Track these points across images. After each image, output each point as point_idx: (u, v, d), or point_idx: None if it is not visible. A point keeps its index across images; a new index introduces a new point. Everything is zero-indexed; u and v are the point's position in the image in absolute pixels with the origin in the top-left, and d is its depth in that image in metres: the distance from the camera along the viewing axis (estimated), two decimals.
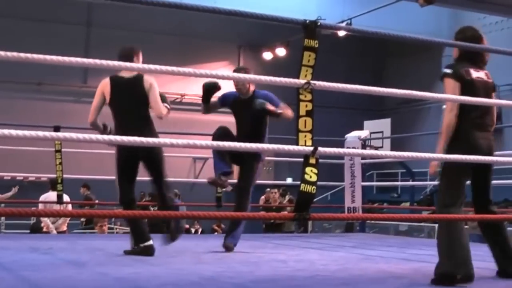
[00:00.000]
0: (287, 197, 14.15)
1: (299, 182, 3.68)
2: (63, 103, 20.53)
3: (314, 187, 3.61)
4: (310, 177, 3.62)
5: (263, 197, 14.37)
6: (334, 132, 9.54)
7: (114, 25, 20.67)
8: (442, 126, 4.70)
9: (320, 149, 3.67)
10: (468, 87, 4.69)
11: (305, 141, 3.65)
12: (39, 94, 20.23)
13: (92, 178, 10.81)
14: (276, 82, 3.74)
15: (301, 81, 3.65)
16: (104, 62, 3.45)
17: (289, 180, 18.62)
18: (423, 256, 6.42)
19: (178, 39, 21.75)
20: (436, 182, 9.52)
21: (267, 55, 21.98)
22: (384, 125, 18.96)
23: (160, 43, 21.36)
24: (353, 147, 9.08)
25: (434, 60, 21.52)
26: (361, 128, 14.23)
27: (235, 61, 23.07)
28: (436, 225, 14.02)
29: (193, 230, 17.42)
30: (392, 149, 17.16)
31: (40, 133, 3.23)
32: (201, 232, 17.47)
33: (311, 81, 3.66)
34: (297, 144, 3.65)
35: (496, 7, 18.16)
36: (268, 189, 14.32)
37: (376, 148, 16.89)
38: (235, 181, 7.09)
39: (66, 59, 3.30)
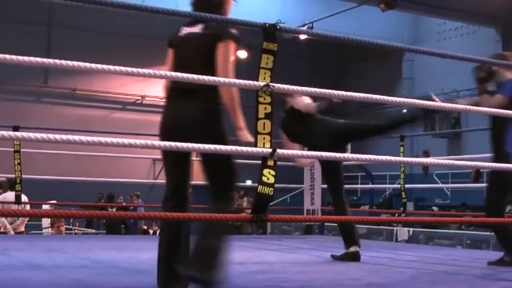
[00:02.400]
0: (245, 199, 14.17)
1: None
2: (23, 103, 20.34)
3: (271, 189, 3.61)
4: (268, 179, 3.62)
5: None
6: None
7: (76, 26, 20.54)
8: None
9: (279, 151, 3.67)
10: (176, 48, 4.10)
11: (264, 143, 3.65)
12: None
13: (51, 179, 10.70)
14: (236, 85, 3.74)
15: (260, 83, 3.66)
16: (64, 62, 3.42)
17: (248, 182, 18.58)
18: (381, 259, 6.48)
19: (139, 40, 21.66)
20: (396, 186, 9.62)
21: None
22: None
23: (121, 44, 21.28)
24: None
25: (394, 64, 21.74)
26: None
27: None
28: (395, 229, 14.21)
29: (151, 231, 17.33)
30: (352, 152, 17.24)
31: None
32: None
33: (270, 84, 3.67)
34: (256, 146, 3.65)
35: (456, 13, 18.45)
36: None
37: None
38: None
39: (26, 58, 3.27)
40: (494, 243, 12.10)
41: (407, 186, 8.68)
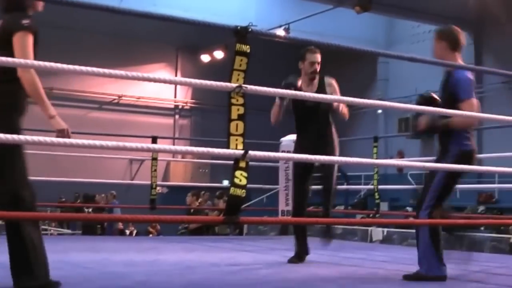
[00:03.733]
0: (221, 200, 14.19)
1: None
2: None
3: (243, 190, 3.61)
4: (240, 180, 3.62)
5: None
6: (271, 135, 9.58)
7: (52, 24, 20.34)
8: None
9: (251, 152, 3.67)
10: None
11: (236, 144, 3.66)
12: None
13: None
14: (208, 86, 3.75)
15: (233, 85, 3.66)
16: (36, 63, 3.40)
17: (225, 183, 18.59)
18: (355, 260, 6.51)
19: (116, 39, 21.58)
20: (370, 186, 9.66)
21: (205, 58, 21.99)
22: None
23: (98, 43, 21.18)
24: (288, 151, 9.08)
25: (369, 65, 21.82)
26: None
27: (173, 63, 23.02)
28: (369, 229, 14.25)
29: (127, 232, 17.27)
30: None
31: None
32: (136, 234, 17.32)
33: (243, 85, 3.68)
34: (228, 148, 3.66)
35: (429, 16, 18.60)
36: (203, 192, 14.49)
37: None
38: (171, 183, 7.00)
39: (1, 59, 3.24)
40: (467, 243, 12.19)
41: (381, 187, 8.73)
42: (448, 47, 5.13)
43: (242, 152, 3.64)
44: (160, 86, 21.88)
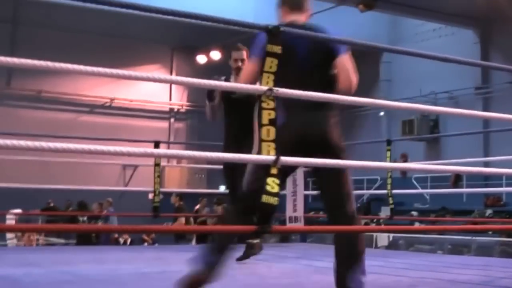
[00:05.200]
0: (221, 207, 14.04)
1: None
2: None
3: (276, 198, 3.40)
4: (272, 188, 3.41)
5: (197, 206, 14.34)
6: None
7: (43, 24, 20.02)
8: None
9: (282, 158, 3.45)
10: None
11: (268, 150, 3.43)
12: None
13: (16, 187, 10.34)
14: (238, 88, 3.50)
15: (263, 88, 3.43)
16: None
17: (222, 188, 18.31)
18: (372, 267, 6.26)
19: (109, 39, 21.27)
20: (374, 191, 9.40)
21: (201, 59, 21.68)
22: None
23: (91, 43, 20.85)
24: None
25: (371, 66, 21.55)
26: None
27: (168, 64, 22.74)
28: (375, 234, 14.03)
29: (122, 241, 16.88)
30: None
31: None
32: (131, 243, 16.92)
33: (274, 88, 3.44)
34: (260, 154, 3.42)
35: (434, 14, 18.43)
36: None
37: None
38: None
39: None
40: (476, 247, 12.03)
41: (384, 191, 8.47)
42: (288, 11, 4.30)
43: (274, 158, 3.41)
44: (154, 88, 21.57)
